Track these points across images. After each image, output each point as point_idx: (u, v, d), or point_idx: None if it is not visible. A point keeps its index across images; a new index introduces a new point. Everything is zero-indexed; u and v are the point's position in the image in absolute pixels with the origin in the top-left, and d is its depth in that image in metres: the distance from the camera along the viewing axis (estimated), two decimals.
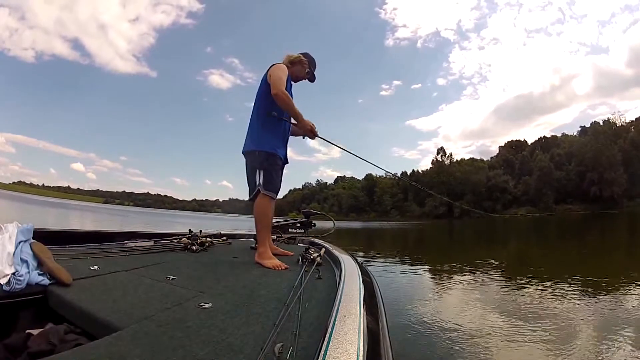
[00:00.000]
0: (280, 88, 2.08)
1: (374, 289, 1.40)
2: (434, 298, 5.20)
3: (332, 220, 3.57)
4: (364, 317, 0.84)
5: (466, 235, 24.04)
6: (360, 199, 79.65)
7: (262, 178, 2.10)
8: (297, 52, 2.41)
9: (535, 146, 68.04)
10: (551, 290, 5.29)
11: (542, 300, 4.78)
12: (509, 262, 9.50)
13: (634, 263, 7.66)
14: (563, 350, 3.05)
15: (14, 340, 0.94)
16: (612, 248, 12.12)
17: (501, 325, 3.81)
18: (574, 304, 4.51)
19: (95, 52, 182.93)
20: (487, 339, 3.42)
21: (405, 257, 10.60)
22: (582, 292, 5.14)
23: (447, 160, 73.70)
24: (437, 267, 8.40)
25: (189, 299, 1.15)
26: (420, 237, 22.71)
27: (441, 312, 4.34)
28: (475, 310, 4.44)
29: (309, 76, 2.44)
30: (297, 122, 2.21)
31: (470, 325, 3.83)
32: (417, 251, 13.62)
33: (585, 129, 63.49)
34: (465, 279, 6.59)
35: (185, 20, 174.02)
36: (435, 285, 6.29)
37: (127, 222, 23.89)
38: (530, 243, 16.04)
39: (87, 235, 2.19)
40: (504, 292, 5.50)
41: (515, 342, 3.31)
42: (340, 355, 0.61)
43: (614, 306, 4.37)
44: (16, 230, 1.30)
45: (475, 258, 9.44)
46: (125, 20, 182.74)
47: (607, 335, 3.39)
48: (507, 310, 4.40)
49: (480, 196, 63.14)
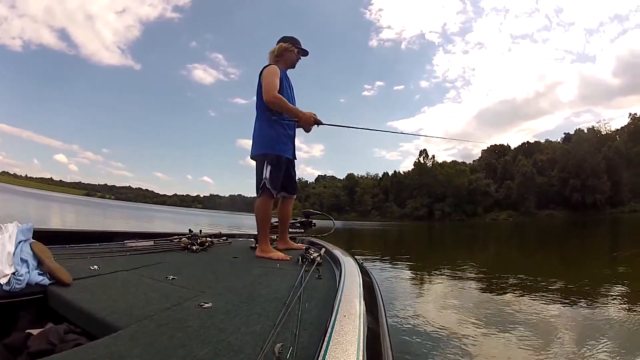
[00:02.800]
0: (271, 93, 2.11)
1: (374, 289, 1.40)
2: (431, 299, 5.23)
3: (332, 220, 3.57)
4: (364, 317, 0.84)
5: (451, 237, 24.42)
6: (341, 198, 79.62)
7: (268, 173, 2.15)
8: (275, 44, 2.39)
9: (518, 151, 68.56)
10: (547, 294, 5.34)
11: (535, 302, 4.84)
12: (493, 264, 9.74)
13: (610, 269, 7.83)
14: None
15: (14, 340, 0.94)
16: (590, 254, 12.25)
17: (497, 324, 3.84)
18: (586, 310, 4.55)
19: (81, 42, 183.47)
20: (484, 339, 3.44)
21: (396, 258, 10.69)
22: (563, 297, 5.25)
23: (430, 162, 74.11)
24: (426, 268, 8.50)
25: (189, 298, 1.15)
26: (411, 238, 22.90)
27: (433, 312, 4.39)
28: (470, 312, 4.49)
29: (300, 54, 2.43)
30: (298, 119, 2.22)
31: (465, 325, 3.85)
32: (410, 252, 13.78)
33: (569, 136, 64.01)
34: (452, 282, 6.70)
35: (172, 14, 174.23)
36: (428, 286, 6.36)
37: (107, 214, 24.11)
38: (516, 247, 16.46)
39: (87, 235, 2.19)
40: (488, 292, 5.64)
41: (509, 339, 3.35)
42: (340, 355, 0.61)
43: (588, 309, 4.46)
44: (16, 230, 1.30)
45: (467, 261, 9.67)
46: (113, 12, 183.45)
47: (580, 337, 3.46)
48: (498, 308, 4.52)
49: (461, 199, 63.58)
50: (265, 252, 2.07)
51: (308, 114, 2.22)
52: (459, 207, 63.60)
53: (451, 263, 8.97)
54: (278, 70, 2.21)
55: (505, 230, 31.90)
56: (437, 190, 65.78)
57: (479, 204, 62.57)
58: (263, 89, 2.14)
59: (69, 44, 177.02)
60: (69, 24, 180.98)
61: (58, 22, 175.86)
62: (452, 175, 67.07)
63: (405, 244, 18.85)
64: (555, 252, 12.10)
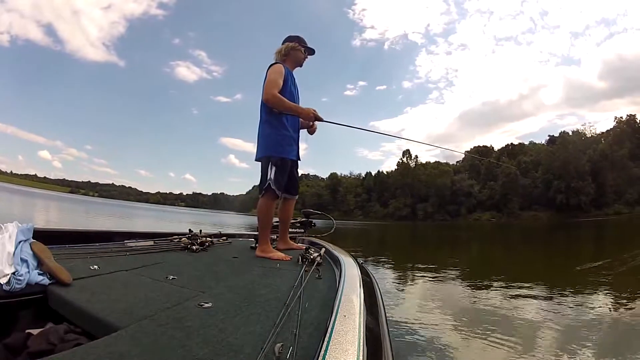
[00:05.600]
0: (270, 92, 2.11)
1: (374, 289, 1.40)
2: (416, 299, 5.35)
3: (332, 220, 3.57)
4: (364, 317, 0.84)
5: (434, 238, 24.89)
6: (324, 197, 79.21)
7: (273, 174, 2.16)
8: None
9: (502, 152, 68.66)
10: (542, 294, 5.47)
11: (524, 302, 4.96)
12: (476, 265, 10.02)
13: (588, 269, 7.94)
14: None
15: (14, 340, 0.94)
16: (572, 255, 12.55)
17: (495, 323, 3.91)
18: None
19: (67, 38, 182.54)
20: (482, 338, 3.46)
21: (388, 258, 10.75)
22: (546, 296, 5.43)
23: (413, 162, 74.15)
24: (410, 268, 8.62)
25: (189, 298, 1.15)
26: (394, 238, 23.17)
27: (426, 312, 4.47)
28: (467, 311, 4.60)
29: (307, 53, 2.43)
30: (299, 116, 2.22)
31: (465, 324, 3.89)
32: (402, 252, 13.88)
33: (554, 138, 64.00)
34: (438, 282, 6.84)
35: (156, 10, 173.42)
36: (413, 286, 6.51)
37: (90, 212, 24.25)
38: (498, 248, 16.90)
39: (87, 235, 2.19)
40: (474, 292, 5.83)
41: (496, 338, 3.42)
42: (340, 355, 0.61)
43: (566, 307, 4.62)
44: (16, 229, 1.30)
45: (450, 261, 9.96)
46: (98, 7, 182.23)
47: (557, 335, 3.59)
48: (484, 308, 4.66)
49: (444, 199, 63.77)
50: (266, 252, 2.07)
51: (308, 109, 2.22)
52: (442, 207, 63.95)
53: (436, 263, 9.15)
54: (283, 69, 2.20)
55: (486, 231, 32.45)
56: (420, 190, 66.04)
57: (462, 205, 62.84)
58: (264, 87, 2.14)
59: (55, 39, 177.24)
60: (56, 20, 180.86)
61: (45, 18, 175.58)
62: (435, 175, 67.28)
63: (389, 243, 19.08)
64: (521, 260, 12.21)
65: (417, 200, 66.30)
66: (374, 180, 78.45)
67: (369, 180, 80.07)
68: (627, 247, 13.33)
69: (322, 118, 2.28)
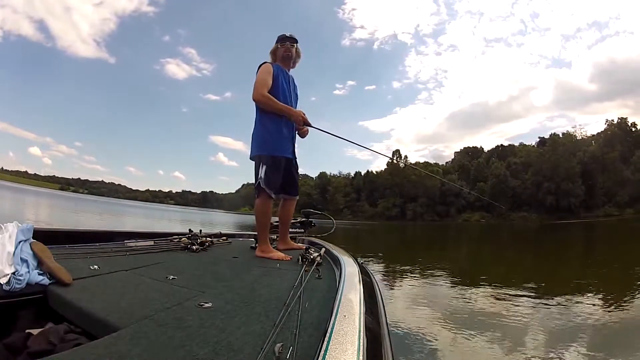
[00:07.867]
0: (259, 92, 2.12)
1: (374, 289, 1.40)
2: (408, 299, 5.39)
3: (332, 220, 3.57)
4: (364, 317, 0.84)
5: (423, 238, 25.40)
6: (313, 197, 78.10)
7: (263, 173, 2.16)
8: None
9: (492, 153, 68.65)
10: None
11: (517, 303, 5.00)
12: (465, 265, 10.21)
13: (576, 271, 8.01)
14: None
15: (14, 340, 0.94)
16: (557, 256, 12.64)
17: (494, 322, 3.94)
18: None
19: (58, 34, 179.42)
20: (482, 337, 3.47)
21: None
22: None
23: (402, 162, 73.37)
24: (400, 268, 8.72)
25: (189, 298, 1.15)
26: (383, 237, 23.37)
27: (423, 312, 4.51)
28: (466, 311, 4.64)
29: (288, 43, 2.38)
30: (289, 118, 2.22)
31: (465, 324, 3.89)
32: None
33: (544, 140, 63.86)
34: (429, 282, 6.91)
35: (147, 7, 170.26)
36: (427, 286, 6.51)
37: (79, 209, 24.31)
38: (486, 249, 17.32)
39: (87, 235, 2.19)
40: (463, 292, 5.95)
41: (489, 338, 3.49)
42: (340, 355, 0.61)
43: (555, 308, 4.71)
44: (16, 229, 1.30)
45: (440, 261, 10.15)
46: (90, 4, 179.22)
47: (545, 335, 3.62)
48: (470, 308, 4.76)
49: (434, 200, 63.66)
50: (265, 252, 2.07)
51: (297, 112, 2.22)
52: (431, 207, 63.89)
53: (424, 263, 9.29)
54: (271, 68, 2.22)
55: (476, 232, 32.68)
56: (410, 190, 65.85)
57: (452, 205, 62.87)
58: (254, 87, 2.15)
59: (47, 35, 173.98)
60: (48, 15, 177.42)
61: (37, 13, 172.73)
62: (424, 176, 66.60)
63: (378, 242, 19.31)
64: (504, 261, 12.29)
65: (406, 200, 66.28)
66: (363, 179, 78.38)
67: (358, 179, 79.99)
68: (616, 248, 13.44)
69: (310, 123, 2.28)
